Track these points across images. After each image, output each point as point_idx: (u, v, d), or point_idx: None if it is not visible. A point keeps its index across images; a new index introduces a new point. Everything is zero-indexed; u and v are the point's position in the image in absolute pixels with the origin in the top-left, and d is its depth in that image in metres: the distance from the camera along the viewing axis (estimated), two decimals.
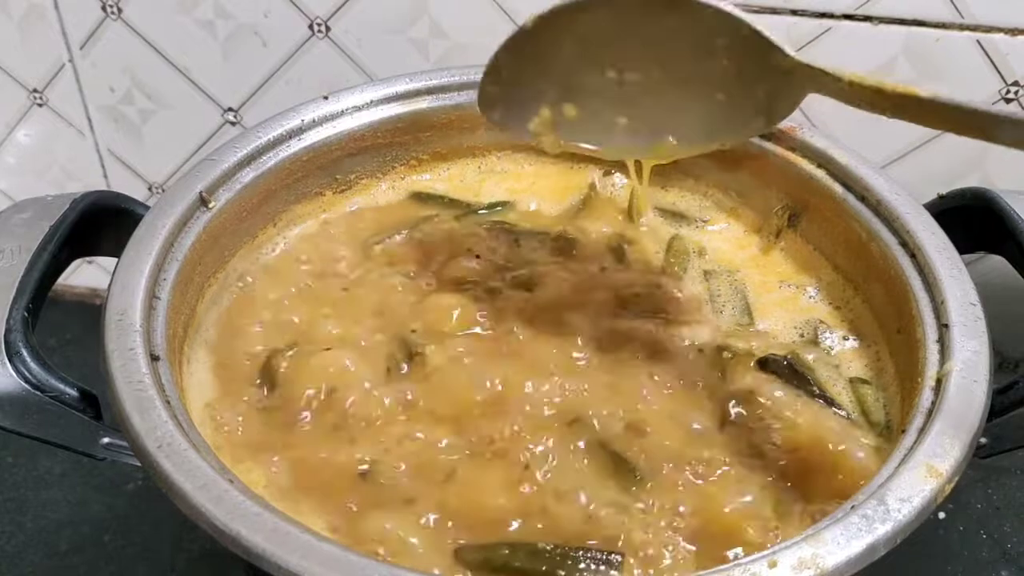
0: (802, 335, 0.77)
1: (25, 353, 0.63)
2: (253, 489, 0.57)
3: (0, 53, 1.14)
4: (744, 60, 0.70)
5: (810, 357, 0.73)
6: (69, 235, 0.71)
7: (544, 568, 0.59)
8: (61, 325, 1.19)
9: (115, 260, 0.69)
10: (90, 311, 1.25)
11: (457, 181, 0.91)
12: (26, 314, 0.64)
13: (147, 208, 0.74)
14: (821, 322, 0.77)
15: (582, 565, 0.59)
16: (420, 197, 0.89)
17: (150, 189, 1.22)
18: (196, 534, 0.95)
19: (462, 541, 0.61)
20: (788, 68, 0.68)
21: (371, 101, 0.85)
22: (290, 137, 0.81)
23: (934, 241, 0.70)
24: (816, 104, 0.97)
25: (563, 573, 0.59)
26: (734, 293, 0.80)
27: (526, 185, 0.91)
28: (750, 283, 0.81)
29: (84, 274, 1.29)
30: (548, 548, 0.60)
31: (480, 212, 0.88)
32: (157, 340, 0.65)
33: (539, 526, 0.62)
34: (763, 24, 0.68)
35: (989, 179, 0.99)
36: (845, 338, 0.76)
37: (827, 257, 0.81)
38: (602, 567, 0.59)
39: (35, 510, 1.04)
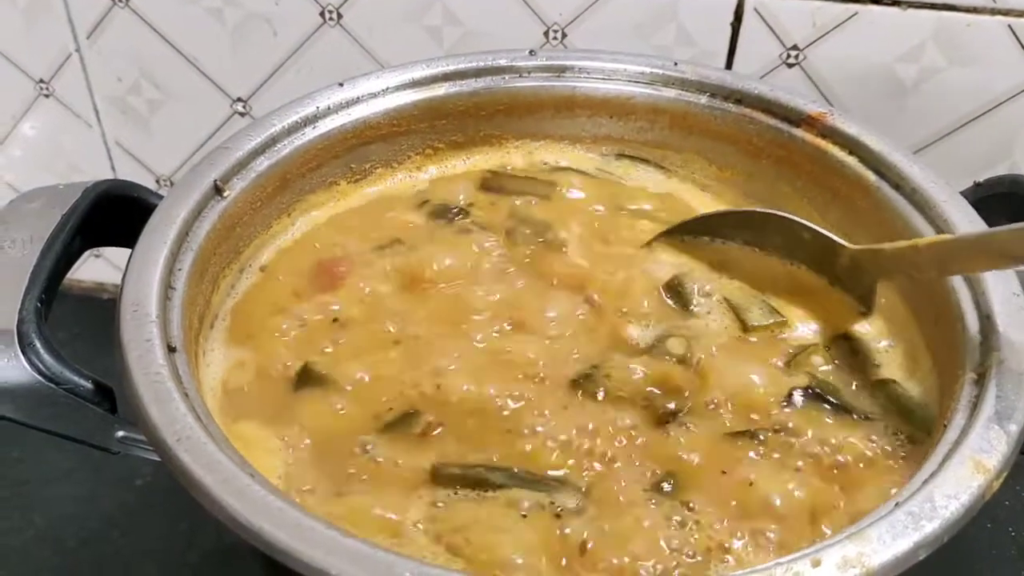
0: None
1: (39, 344, 0.61)
2: None
3: (6, 43, 1.13)
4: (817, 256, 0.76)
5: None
6: (81, 224, 0.69)
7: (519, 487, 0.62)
8: (68, 319, 1.17)
9: (125, 251, 0.68)
10: (97, 305, 1.24)
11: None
12: (39, 304, 0.63)
13: (160, 197, 0.72)
14: None
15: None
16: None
17: (158, 182, 1.21)
18: (207, 529, 0.95)
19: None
20: (851, 255, 0.73)
21: (387, 88, 0.83)
22: (305, 125, 0.80)
23: (973, 230, 0.68)
24: (838, 91, 0.96)
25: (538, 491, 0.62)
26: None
27: None
28: None
29: (90, 268, 1.28)
30: (523, 472, 0.63)
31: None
32: (173, 331, 0.63)
33: None
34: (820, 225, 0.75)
35: (1018, 167, 0.97)
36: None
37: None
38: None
39: (43, 505, 1.03)
